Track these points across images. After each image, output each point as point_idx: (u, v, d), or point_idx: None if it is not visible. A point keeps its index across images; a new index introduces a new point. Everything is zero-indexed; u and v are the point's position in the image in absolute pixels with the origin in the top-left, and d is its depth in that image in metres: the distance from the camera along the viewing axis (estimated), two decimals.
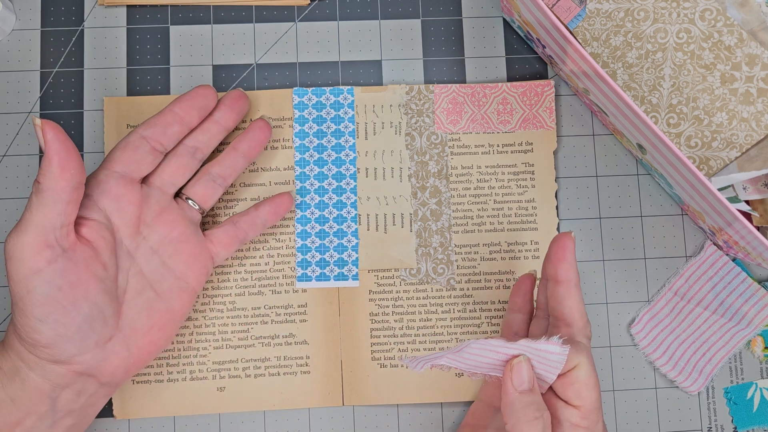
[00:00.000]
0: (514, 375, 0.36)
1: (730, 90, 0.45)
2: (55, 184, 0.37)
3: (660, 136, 0.38)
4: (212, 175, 0.45)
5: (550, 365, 0.36)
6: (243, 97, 0.46)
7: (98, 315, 0.39)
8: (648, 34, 0.46)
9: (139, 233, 0.42)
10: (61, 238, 0.37)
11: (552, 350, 0.36)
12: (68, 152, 0.37)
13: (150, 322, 0.42)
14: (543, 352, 0.36)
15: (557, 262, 0.40)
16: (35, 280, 0.37)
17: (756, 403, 0.48)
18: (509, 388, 0.36)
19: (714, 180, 0.44)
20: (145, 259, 0.42)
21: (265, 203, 0.46)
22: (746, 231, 0.40)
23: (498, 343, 0.36)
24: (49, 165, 0.37)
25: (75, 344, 0.38)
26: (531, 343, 0.36)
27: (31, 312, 0.37)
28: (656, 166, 0.45)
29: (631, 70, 0.46)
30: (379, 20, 0.51)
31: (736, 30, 0.45)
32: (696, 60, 0.45)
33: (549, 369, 0.37)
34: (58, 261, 0.37)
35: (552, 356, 0.36)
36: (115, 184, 0.41)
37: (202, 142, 0.44)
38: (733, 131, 0.44)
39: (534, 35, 0.46)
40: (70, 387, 0.39)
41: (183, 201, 0.44)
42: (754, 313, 0.48)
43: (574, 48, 0.40)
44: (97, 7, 0.50)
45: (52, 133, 0.37)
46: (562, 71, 0.47)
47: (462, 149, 0.49)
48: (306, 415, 0.48)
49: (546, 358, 0.36)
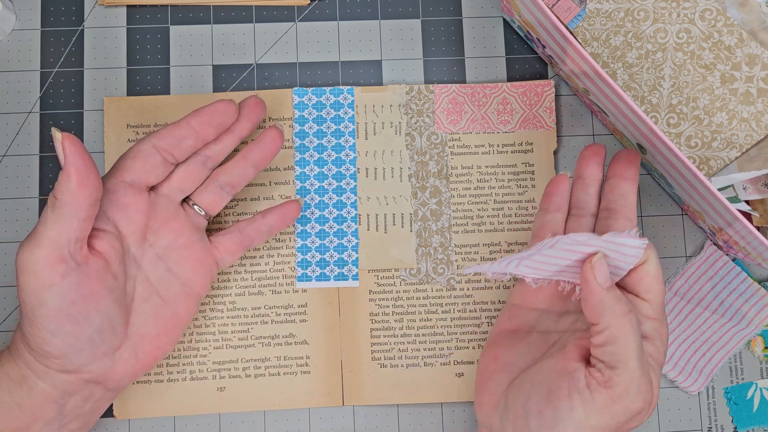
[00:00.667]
0: (597, 273, 0.36)
1: (730, 90, 0.45)
2: (72, 200, 0.36)
3: (660, 136, 0.38)
4: (220, 183, 0.44)
5: (626, 259, 0.37)
6: (260, 104, 0.44)
7: (108, 325, 0.39)
8: (648, 34, 0.46)
9: (146, 240, 0.42)
10: (75, 253, 0.37)
11: (632, 243, 0.36)
12: (87, 168, 0.37)
13: (157, 329, 0.42)
14: (621, 246, 0.36)
15: (628, 163, 0.41)
16: (48, 293, 0.37)
17: (756, 403, 0.48)
18: (595, 286, 0.36)
19: (714, 180, 0.44)
20: (152, 266, 0.42)
21: (273, 211, 0.45)
22: (746, 231, 0.40)
23: (578, 238, 0.36)
24: (68, 180, 0.36)
25: (85, 355, 0.38)
26: (611, 237, 0.36)
27: (43, 325, 0.37)
28: (656, 166, 0.45)
29: (631, 70, 0.46)
30: (379, 20, 0.51)
31: (736, 30, 0.45)
32: (696, 60, 0.45)
33: (624, 262, 0.37)
34: (71, 275, 0.37)
35: (630, 250, 0.36)
36: (124, 193, 0.40)
37: (215, 151, 0.43)
38: (733, 131, 0.44)
39: (534, 35, 0.46)
40: (77, 394, 0.39)
41: (189, 207, 0.44)
42: (754, 313, 0.48)
43: (574, 48, 0.40)
44: (97, 7, 0.50)
45: (72, 148, 0.36)
46: (562, 71, 0.47)
47: (462, 149, 0.49)
48: (306, 415, 0.48)
49: (623, 252, 0.36)
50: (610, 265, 0.37)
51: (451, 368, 0.48)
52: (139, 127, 0.49)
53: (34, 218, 0.48)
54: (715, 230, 0.45)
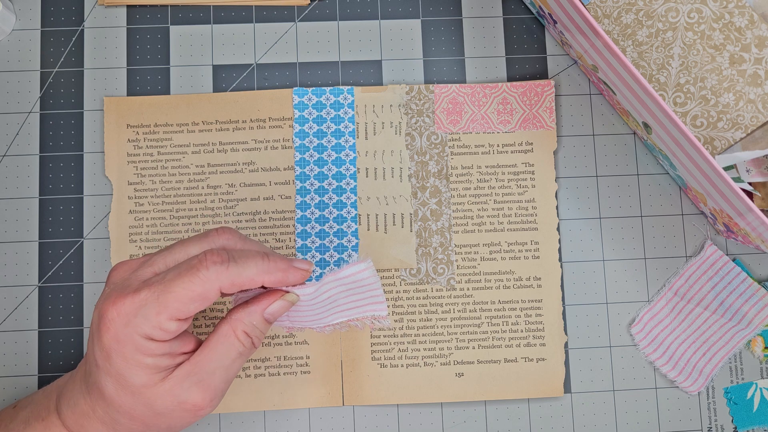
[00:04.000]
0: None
1: (738, 71, 0.45)
2: None
3: (665, 108, 0.38)
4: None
5: (368, 283, 0.38)
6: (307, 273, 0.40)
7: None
8: (659, 13, 0.45)
9: None
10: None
11: (359, 269, 0.37)
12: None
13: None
14: (352, 276, 0.37)
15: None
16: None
17: (756, 403, 0.48)
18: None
19: (717, 159, 0.44)
20: None
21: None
22: (745, 208, 0.39)
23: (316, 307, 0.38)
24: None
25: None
26: (337, 275, 0.37)
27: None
28: (661, 146, 0.45)
29: (640, 48, 0.46)
30: (379, 20, 0.51)
31: (747, 12, 0.45)
32: (706, 40, 0.45)
33: (368, 289, 0.38)
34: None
35: (363, 274, 0.37)
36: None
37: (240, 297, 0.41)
38: (739, 112, 0.44)
39: (546, 10, 0.46)
40: None
41: None
42: (754, 313, 0.48)
43: (585, 20, 0.40)
44: (97, 7, 0.50)
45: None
46: (573, 49, 0.47)
47: (462, 149, 0.49)
48: (306, 415, 0.48)
49: (359, 283, 0.37)
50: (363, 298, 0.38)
51: (451, 368, 0.48)
52: (139, 127, 0.49)
53: (34, 218, 0.48)
54: (716, 213, 0.45)
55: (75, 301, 0.48)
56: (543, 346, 0.48)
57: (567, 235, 0.49)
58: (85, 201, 0.49)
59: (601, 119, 0.50)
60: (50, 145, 0.49)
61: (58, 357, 0.48)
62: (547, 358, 0.48)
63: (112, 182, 0.49)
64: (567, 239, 0.49)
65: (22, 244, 0.48)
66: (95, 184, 0.49)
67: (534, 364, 0.48)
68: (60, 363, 0.48)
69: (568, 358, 0.49)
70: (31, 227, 0.48)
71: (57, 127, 0.49)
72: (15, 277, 0.48)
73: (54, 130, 0.49)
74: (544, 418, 0.48)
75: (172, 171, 0.49)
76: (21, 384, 0.47)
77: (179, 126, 0.49)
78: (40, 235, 0.48)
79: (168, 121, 0.49)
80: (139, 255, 0.48)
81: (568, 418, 0.48)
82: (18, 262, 0.48)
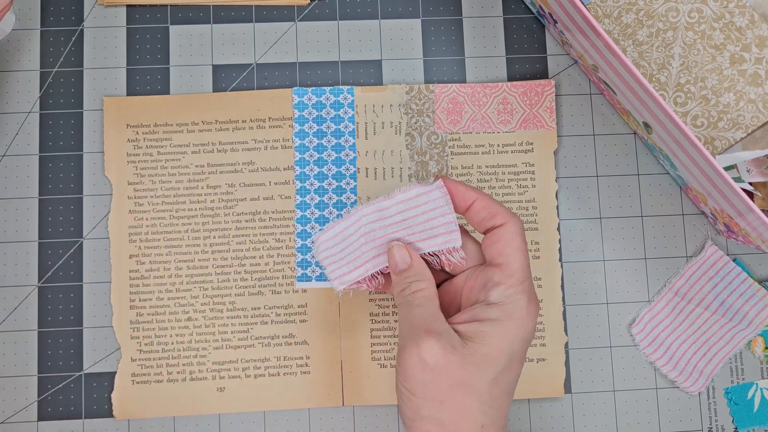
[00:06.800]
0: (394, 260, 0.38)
1: (739, 71, 0.45)
2: None
3: (666, 108, 0.38)
4: None
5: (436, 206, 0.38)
6: None
7: None
8: (660, 13, 0.45)
9: None
10: None
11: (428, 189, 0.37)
12: None
13: None
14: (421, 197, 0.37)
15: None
16: None
17: (756, 403, 0.48)
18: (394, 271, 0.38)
19: (718, 158, 0.44)
20: None
21: None
22: (746, 208, 0.39)
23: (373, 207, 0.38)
24: None
25: None
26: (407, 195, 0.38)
27: None
28: (661, 146, 0.45)
29: (641, 48, 0.45)
30: (379, 20, 0.51)
31: (747, 11, 0.45)
32: (706, 40, 0.45)
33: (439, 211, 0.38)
34: None
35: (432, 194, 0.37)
36: None
37: None
38: (740, 112, 0.44)
39: (546, 10, 0.46)
40: None
41: None
42: (755, 313, 0.48)
43: (586, 20, 0.40)
44: (96, 6, 0.50)
45: None
46: (573, 48, 0.47)
47: (462, 149, 0.49)
48: (306, 415, 0.48)
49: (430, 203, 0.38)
50: (425, 222, 0.38)
51: None
52: (139, 127, 0.49)
53: (33, 218, 0.48)
54: (716, 213, 0.45)
55: (75, 301, 0.48)
56: (543, 346, 0.48)
57: (567, 235, 0.49)
58: (84, 201, 0.49)
59: (601, 119, 0.50)
60: (50, 145, 0.49)
61: (57, 357, 0.48)
62: (547, 359, 0.48)
63: (112, 182, 0.49)
64: (567, 239, 0.49)
65: (21, 244, 0.48)
66: (95, 184, 0.49)
67: (534, 364, 0.48)
68: (60, 363, 0.48)
69: (568, 358, 0.49)
70: (30, 227, 0.48)
71: (57, 127, 0.49)
72: (15, 277, 0.48)
73: (54, 130, 0.49)
74: (544, 419, 0.48)
75: (171, 171, 0.49)
76: (21, 384, 0.47)
77: (179, 126, 0.49)
78: (39, 235, 0.48)
79: (168, 121, 0.49)
80: (139, 255, 0.48)
81: (568, 419, 0.48)
82: (18, 262, 0.48)
